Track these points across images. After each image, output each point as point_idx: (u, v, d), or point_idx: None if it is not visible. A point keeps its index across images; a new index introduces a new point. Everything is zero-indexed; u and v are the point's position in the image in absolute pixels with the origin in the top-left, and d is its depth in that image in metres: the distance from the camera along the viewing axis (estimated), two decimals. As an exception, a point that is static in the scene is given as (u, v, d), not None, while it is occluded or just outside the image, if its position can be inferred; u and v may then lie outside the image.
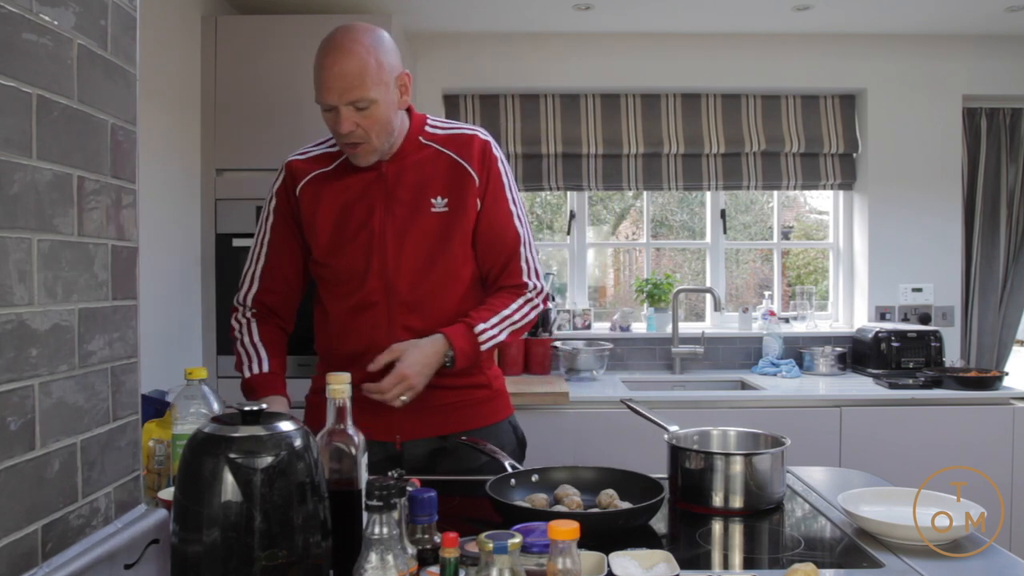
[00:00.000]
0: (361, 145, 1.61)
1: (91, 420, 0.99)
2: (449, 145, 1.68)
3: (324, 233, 1.68)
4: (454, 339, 1.59)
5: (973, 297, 3.69)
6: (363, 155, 1.63)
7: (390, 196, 1.66)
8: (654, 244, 3.96)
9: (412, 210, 1.65)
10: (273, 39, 2.93)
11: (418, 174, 1.66)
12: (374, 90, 1.55)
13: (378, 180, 1.67)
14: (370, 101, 1.55)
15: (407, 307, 1.65)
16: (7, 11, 0.83)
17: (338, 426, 1.06)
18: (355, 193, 1.67)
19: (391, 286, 1.65)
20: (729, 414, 2.91)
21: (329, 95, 1.57)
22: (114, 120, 1.05)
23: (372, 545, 0.86)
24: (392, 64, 1.60)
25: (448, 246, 1.65)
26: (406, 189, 1.66)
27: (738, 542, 1.30)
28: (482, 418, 1.72)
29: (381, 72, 1.56)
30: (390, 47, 1.62)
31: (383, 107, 1.58)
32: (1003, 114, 3.69)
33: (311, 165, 1.72)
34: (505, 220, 1.69)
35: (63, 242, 0.94)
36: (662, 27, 3.52)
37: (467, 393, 1.71)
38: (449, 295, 1.67)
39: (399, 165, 1.67)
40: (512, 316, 1.67)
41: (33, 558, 0.87)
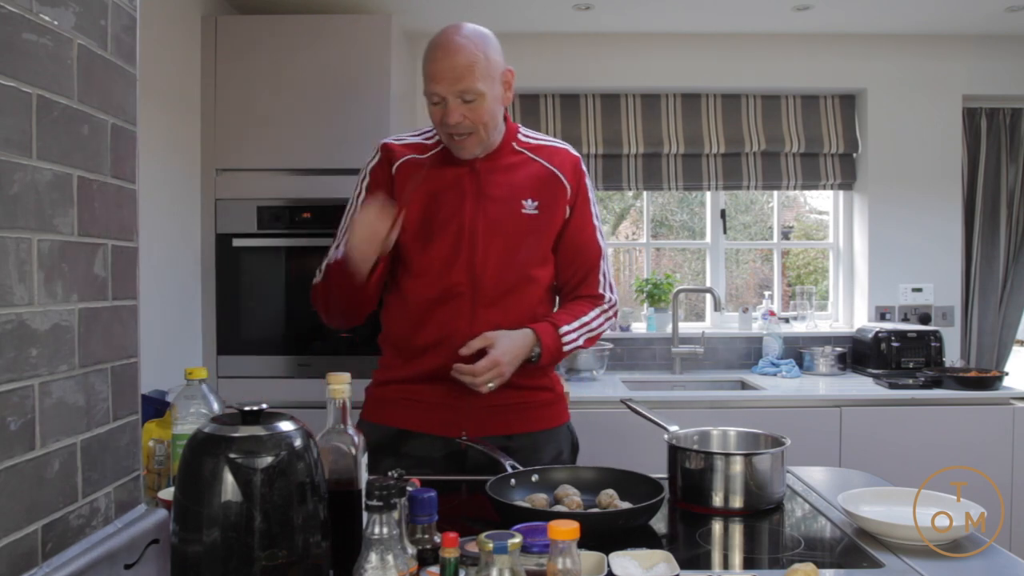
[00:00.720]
0: (468, 137, 1.64)
1: (91, 420, 0.99)
2: (540, 154, 1.74)
3: (414, 216, 1.69)
4: (542, 336, 1.64)
5: (973, 297, 3.69)
6: (469, 147, 1.66)
7: (481, 192, 1.69)
8: (654, 244, 3.96)
9: (503, 208, 1.68)
10: (273, 39, 2.93)
11: (510, 176, 1.71)
12: (482, 83, 1.61)
13: (470, 175, 1.70)
14: (477, 93, 1.60)
15: (489, 301, 1.67)
16: (7, 11, 0.83)
17: (338, 426, 1.06)
18: (446, 184, 1.70)
19: (477, 279, 1.67)
20: (729, 414, 2.91)
21: (439, 85, 1.60)
22: (114, 120, 1.05)
23: (372, 545, 0.86)
24: (498, 60, 1.66)
25: (534, 247, 1.70)
26: (498, 188, 1.69)
27: (738, 542, 1.30)
28: (545, 420, 1.76)
29: (489, 66, 1.63)
30: (496, 45, 1.68)
31: (489, 100, 1.63)
32: (1003, 114, 3.69)
33: (406, 150, 1.75)
34: (591, 232, 1.76)
35: (63, 242, 0.94)
36: (662, 27, 3.52)
37: (533, 395, 1.74)
38: (528, 294, 1.71)
39: (492, 165, 1.71)
40: (590, 323, 1.72)
41: (33, 558, 0.87)
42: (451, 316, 1.66)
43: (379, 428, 1.70)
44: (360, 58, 2.92)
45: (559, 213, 1.72)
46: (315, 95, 2.92)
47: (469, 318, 1.66)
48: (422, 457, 1.68)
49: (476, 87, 1.60)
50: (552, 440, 1.74)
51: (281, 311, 2.94)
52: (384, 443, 1.68)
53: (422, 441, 1.70)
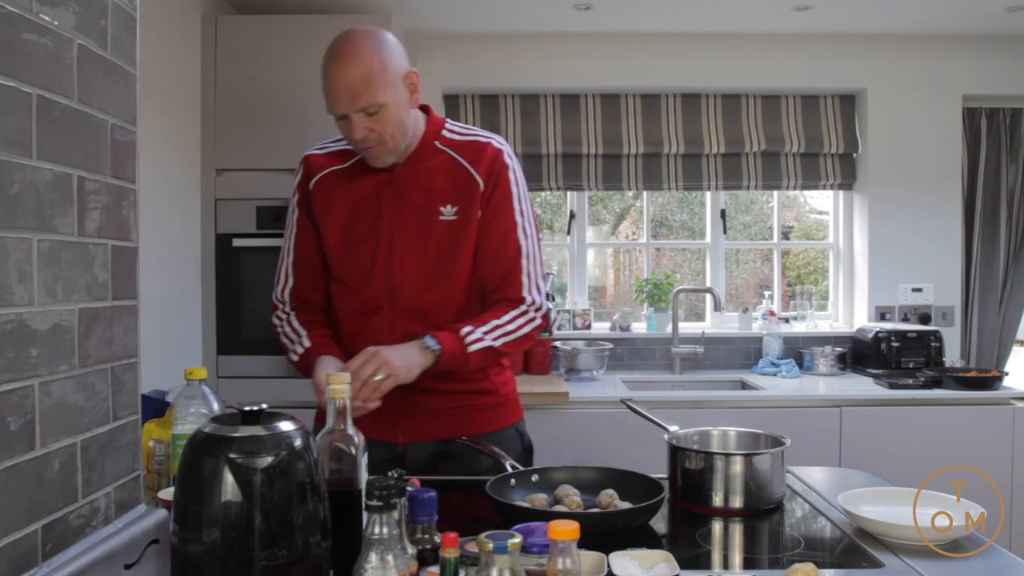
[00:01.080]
0: (376, 147, 1.60)
1: (91, 420, 0.99)
2: (463, 151, 1.66)
3: (334, 231, 1.67)
4: (440, 337, 1.55)
5: (973, 297, 3.69)
6: (380, 156, 1.62)
7: (401, 200, 1.64)
8: (654, 244, 3.96)
9: (421, 216, 1.63)
10: (273, 39, 2.93)
11: (429, 180, 1.64)
12: (381, 94, 1.54)
13: (390, 182, 1.65)
14: (379, 105, 1.54)
15: (411, 313, 1.63)
16: (7, 11, 0.83)
17: (338, 426, 1.06)
18: (366, 193, 1.66)
19: (395, 291, 1.63)
20: (729, 414, 2.91)
21: (338, 105, 1.56)
22: (114, 120, 1.05)
23: (372, 545, 0.86)
24: (397, 64, 1.58)
25: (454, 255, 1.63)
26: (417, 194, 1.64)
27: (738, 542, 1.30)
28: (486, 423, 1.71)
29: (386, 74, 1.55)
30: (394, 48, 1.60)
31: (393, 109, 1.56)
32: (1003, 114, 3.69)
33: (327, 161, 1.71)
34: (507, 230, 1.65)
35: (63, 242, 0.94)
36: (662, 27, 3.52)
37: (471, 398, 1.70)
38: (452, 304, 1.65)
39: (412, 169, 1.65)
40: (504, 326, 1.62)
41: (33, 558, 0.87)
42: (373, 328, 1.64)
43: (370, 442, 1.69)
44: (360, 58, 2.91)
45: (474, 214, 1.63)
46: (315, 95, 2.90)
47: (390, 330, 1.63)
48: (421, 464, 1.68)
49: (376, 100, 1.53)
50: (495, 443, 1.64)
51: (281, 311, 2.94)
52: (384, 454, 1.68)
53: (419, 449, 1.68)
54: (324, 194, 1.68)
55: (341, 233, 1.66)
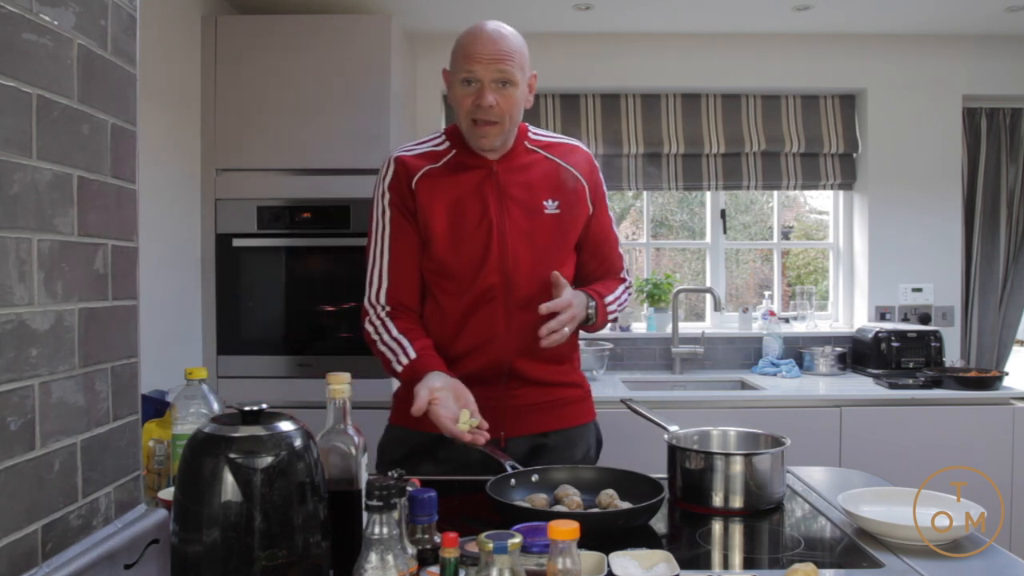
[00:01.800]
0: (494, 125, 1.63)
1: (91, 420, 0.99)
2: (554, 152, 1.75)
3: (441, 227, 1.67)
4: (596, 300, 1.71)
5: (973, 297, 3.69)
6: (491, 136, 1.64)
7: (503, 194, 1.69)
8: (654, 244, 3.96)
9: (527, 209, 1.69)
10: (273, 39, 2.93)
11: (527, 175, 1.71)
12: (519, 72, 1.64)
13: (490, 178, 1.70)
14: (513, 81, 1.62)
15: (523, 302, 1.67)
16: (7, 11, 0.83)
17: (338, 426, 1.06)
18: (468, 189, 1.69)
19: (509, 281, 1.67)
20: (729, 414, 2.91)
21: (478, 64, 1.61)
22: (114, 120, 1.05)
23: (372, 545, 0.86)
24: (529, 60, 1.70)
25: (558, 246, 1.72)
26: (519, 189, 1.70)
27: (738, 542, 1.30)
28: (576, 417, 1.79)
29: (524, 61, 1.66)
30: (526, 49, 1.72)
31: (518, 93, 1.64)
32: (1003, 114, 3.69)
33: (420, 160, 1.72)
34: (609, 224, 1.84)
35: (63, 242, 0.94)
36: (662, 27, 3.52)
37: (564, 391, 1.77)
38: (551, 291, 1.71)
39: (508, 166, 1.71)
40: (620, 298, 1.80)
41: (33, 558, 0.87)
42: (487, 320, 1.67)
43: (415, 434, 1.67)
44: (360, 58, 2.92)
45: (581, 212, 1.75)
46: (315, 95, 2.92)
47: (505, 321, 1.67)
48: (461, 462, 1.66)
49: (514, 74, 1.62)
50: (583, 437, 1.78)
51: (281, 311, 2.94)
52: (421, 448, 1.68)
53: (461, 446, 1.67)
54: (428, 191, 1.68)
55: (448, 228, 1.67)
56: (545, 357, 1.70)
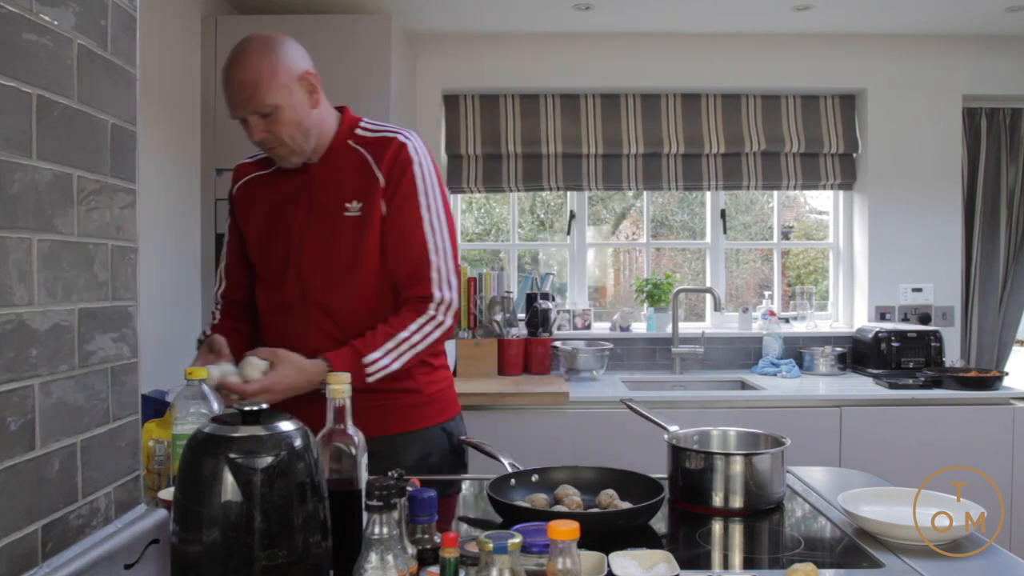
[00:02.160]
0: (278, 148, 1.62)
1: (91, 420, 0.99)
2: (371, 148, 1.67)
3: (253, 233, 1.73)
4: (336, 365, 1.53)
5: (973, 297, 3.69)
6: (284, 157, 1.65)
7: (313, 199, 1.67)
8: (654, 244, 3.96)
9: (329, 214, 1.65)
10: (273, 39, 2.92)
11: (340, 178, 1.66)
12: (272, 96, 1.56)
13: (305, 183, 1.69)
14: (272, 107, 1.56)
15: (322, 310, 1.66)
16: (7, 11, 0.83)
17: (338, 426, 1.06)
18: (284, 195, 1.70)
19: (306, 289, 1.66)
20: (729, 414, 2.91)
21: (232, 108, 1.60)
22: (114, 120, 1.05)
23: (372, 545, 0.86)
24: (291, 66, 1.60)
25: (359, 252, 1.63)
26: (327, 192, 1.67)
27: (738, 542, 1.30)
28: (407, 422, 1.70)
29: (276, 77, 1.57)
30: (288, 50, 1.61)
31: (288, 111, 1.58)
32: (1003, 114, 3.69)
33: (253, 167, 1.78)
34: (412, 225, 1.64)
35: (63, 242, 0.94)
36: (662, 27, 3.52)
37: (392, 397, 1.67)
38: (361, 301, 1.65)
39: (324, 168, 1.68)
40: (410, 339, 1.61)
41: (33, 558, 0.87)
42: (286, 327, 1.67)
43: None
44: (360, 58, 2.92)
45: (376, 210, 1.63)
46: (315, 95, 2.91)
47: (302, 329, 1.65)
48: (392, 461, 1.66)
49: (266, 102, 1.55)
50: (414, 442, 1.68)
51: (281, 311, 2.94)
52: None
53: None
54: (245, 199, 1.76)
55: (259, 235, 1.72)
56: None
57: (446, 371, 1.81)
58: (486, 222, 4.10)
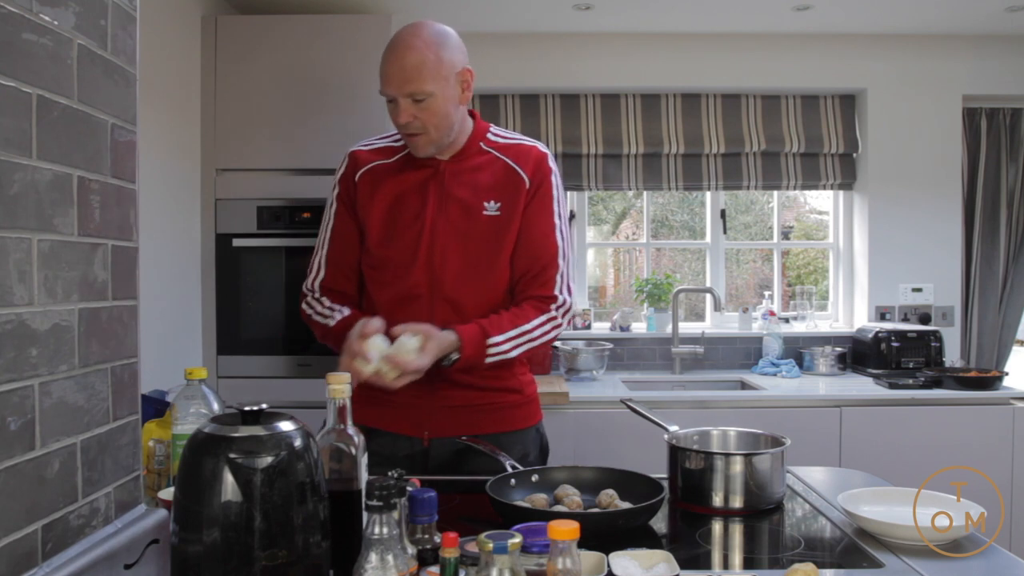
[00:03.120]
0: (420, 136, 1.64)
1: (91, 420, 0.99)
2: (508, 152, 1.72)
3: (377, 220, 1.71)
4: (466, 343, 1.59)
5: (973, 297, 3.69)
6: (421, 145, 1.66)
7: (445, 193, 1.69)
8: (654, 244, 3.96)
9: (465, 210, 1.68)
10: (273, 39, 2.93)
11: (474, 177, 1.70)
12: (431, 83, 1.60)
13: (435, 177, 1.70)
14: (427, 94, 1.60)
15: (449, 303, 1.67)
16: (7, 11, 0.83)
17: (338, 426, 1.06)
18: (411, 186, 1.71)
19: (436, 280, 1.67)
20: (729, 414, 2.91)
21: (388, 86, 1.62)
22: (114, 120, 1.05)
23: (372, 545, 0.86)
24: (453, 60, 1.64)
25: (495, 249, 1.68)
26: (462, 189, 1.69)
27: (738, 542, 1.30)
28: (509, 423, 1.74)
29: (440, 67, 1.61)
30: (454, 44, 1.66)
31: (440, 101, 1.61)
32: (1003, 114, 3.69)
33: (373, 155, 1.76)
34: (547, 229, 1.71)
35: (63, 242, 0.94)
36: (662, 27, 3.52)
37: (498, 396, 1.73)
38: (490, 297, 1.69)
39: (457, 166, 1.71)
40: (531, 332, 1.66)
41: (33, 558, 0.87)
42: (411, 317, 1.65)
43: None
44: (360, 58, 2.92)
45: (518, 212, 1.69)
46: (315, 95, 2.92)
47: (428, 319, 1.65)
48: (383, 455, 1.68)
49: (424, 88, 1.59)
50: (517, 442, 1.72)
51: (281, 311, 2.94)
52: None
53: (385, 439, 1.70)
54: (369, 186, 1.73)
55: (384, 222, 1.71)
56: None
57: (532, 375, 1.86)
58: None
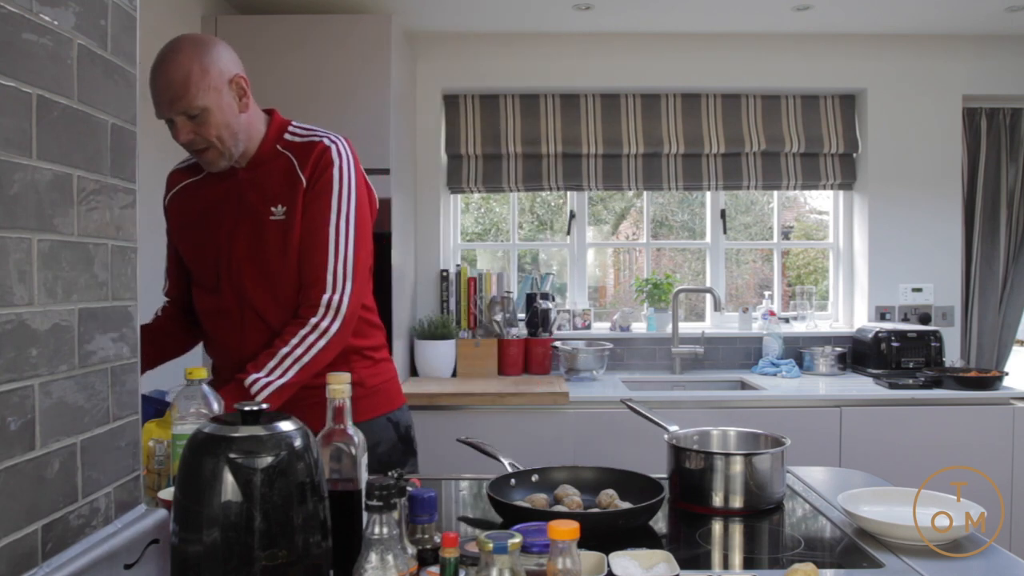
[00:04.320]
0: (207, 151, 1.61)
1: (91, 420, 0.99)
2: (297, 152, 1.66)
3: (185, 243, 1.73)
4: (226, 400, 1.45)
5: (973, 297, 3.69)
6: (212, 161, 1.63)
7: (242, 203, 1.67)
8: (654, 244, 3.96)
9: (256, 218, 1.64)
10: (273, 39, 2.93)
11: (267, 181, 1.66)
12: (202, 98, 1.54)
13: (234, 187, 1.68)
14: (200, 109, 1.55)
15: (256, 314, 1.66)
16: (7, 11, 0.83)
17: (338, 426, 1.06)
18: (213, 201, 1.70)
19: (240, 293, 1.66)
20: (729, 414, 2.91)
21: (159, 108, 1.57)
22: (114, 120, 1.05)
23: (372, 545, 0.86)
24: (222, 69, 1.58)
25: (285, 254, 1.63)
26: (255, 196, 1.65)
27: (738, 542, 1.30)
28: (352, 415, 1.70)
29: (207, 78, 1.55)
30: (219, 52, 1.59)
31: (217, 113, 1.57)
32: (1003, 114, 3.69)
33: (183, 175, 1.78)
34: (319, 224, 1.62)
35: (63, 242, 0.94)
36: (662, 27, 3.52)
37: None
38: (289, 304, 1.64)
39: (252, 173, 1.67)
40: (292, 353, 1.57)
41: (33, 558, 0.87)
42: (225, 331, 1.68)
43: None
44: (360, 58, 2.92)
45: (298, 213, 1.63)
46: (315, 95, 2.92)
47: (239, 335, 1.66)
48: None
49: (195, 103, 1.54)
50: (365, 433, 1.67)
51: (281, 311, 2.94)
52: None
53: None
54: (178, 209, 1.76)
55: (192, 243, 1.72)
56: None
57: (388, 364, 1.84)
58: (486, 222, 4.10)
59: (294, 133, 1.70)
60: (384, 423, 1.78)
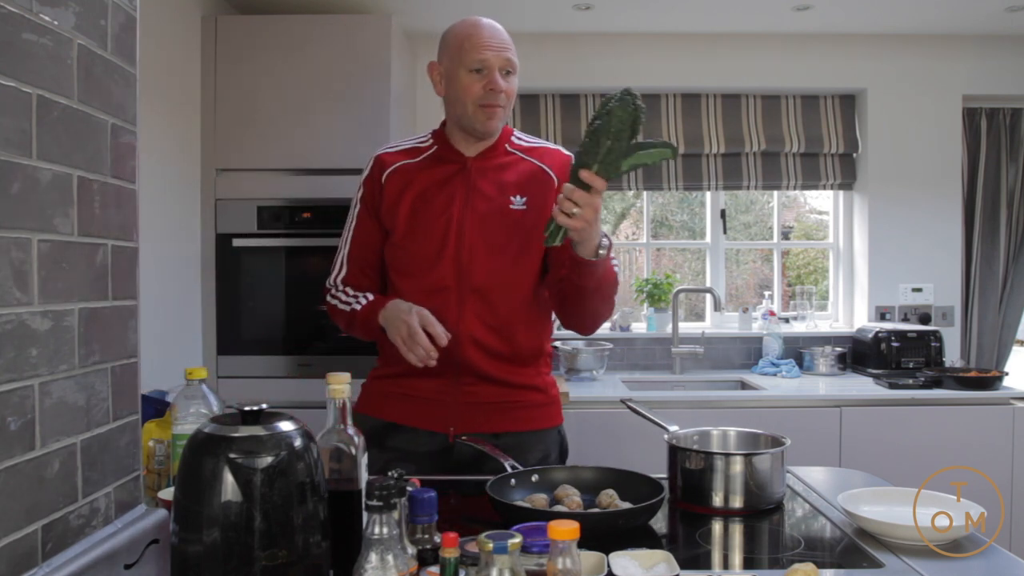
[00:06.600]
0: (501, 108, 1.70)
1: (91, 420, 0.99)
2: (532, 154, 1.78)
3: (404, 216, 1.73)
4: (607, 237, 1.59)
5: (973, 297, 3.69)
6: (498, 117, 1.72)
7: (472, 188, 1.72)
8: (654, 244, 3.96)
9: (491, 204, 1.71)
10: (273, 39, 2.93)
11: (500, 174, 1.74)
12: (516, 60, 1.71)
13: (462, 173, 1.74)
14: (515, 67, 1.70)
15: (478, 295, 1.68)
16: (7, 11, 0.83)
17: (338, 426, 1.06)
18: (437, 182, 1.73)
19: (463, 273, 1.68)
20: (729, 414, 2.91)
21: (488, 51, 1.67)
22: (114, 120, 1.05)
23: (372, 545, 0.86)
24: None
25: (521, 241, 1.70)
26: (487, 184, 1.72)
27: (738, 542, 1.30)
28: (534, 422, 1.75)
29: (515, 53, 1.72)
30: None
31: (516, 81, 1.72)
32: (1003, 114, 3.69)
33: (399, 156, 1.80)
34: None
35: (63, 242, 0.94)
36: (662, 27, 3.52)
37: (524, 394, 1.74)
38: (518, 288, 1.71)
39: (483, 164, 1.74)
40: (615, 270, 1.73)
41: (33, 558, 0.87)
42: (438, 311, 1.65)
43: (369, 420, 1.72)
44: (360, 58, 2.92)
45: (548, 207, 1.67)
46: (315, 95, 2.92)
47: (456, 313, 1.67)
48: (407, 451, 1.69)
49: (515, 61, 1.70)
50: (540, 442, 1.74)
51: (281, 311, 2.94)
52: (371, 435, 1.68)
53: (408, 435, 1.71)
54: (396, 184, 1.76)
55: (411, 216, 1.73)
56: (504, 356, 1.70)
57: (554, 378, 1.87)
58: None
59: (521, 139, 1.82)
60: (556, 436, 1.80)
